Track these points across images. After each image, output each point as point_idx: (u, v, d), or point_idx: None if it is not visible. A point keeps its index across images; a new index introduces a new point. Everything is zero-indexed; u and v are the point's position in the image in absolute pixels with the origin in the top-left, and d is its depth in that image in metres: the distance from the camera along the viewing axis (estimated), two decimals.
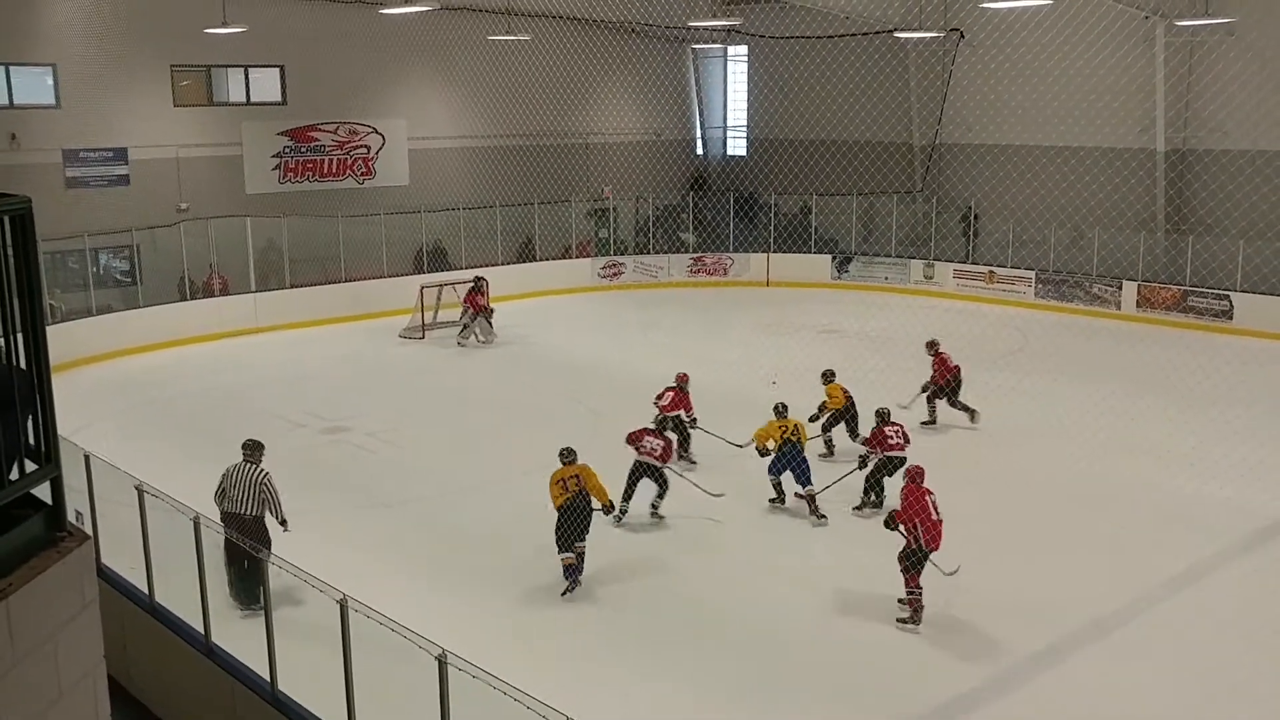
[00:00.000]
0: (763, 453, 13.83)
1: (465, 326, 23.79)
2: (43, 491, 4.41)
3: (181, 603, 9.60)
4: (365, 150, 29.36)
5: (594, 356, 22.33)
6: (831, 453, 15.71)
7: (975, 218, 29.32)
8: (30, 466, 4.28)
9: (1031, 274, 27.38)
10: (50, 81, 24.43)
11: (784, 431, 13.71)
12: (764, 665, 10.34)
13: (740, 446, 14.74)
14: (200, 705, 9.47)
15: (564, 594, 11.67)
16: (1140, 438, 16.38)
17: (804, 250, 30.21)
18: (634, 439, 13.49)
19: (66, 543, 4.33)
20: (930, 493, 10.82)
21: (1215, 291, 24.56)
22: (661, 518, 13.52)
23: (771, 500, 13.98)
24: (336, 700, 7.69)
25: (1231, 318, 24.20)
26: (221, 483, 11.33)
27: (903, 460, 13.02)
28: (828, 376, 15.85)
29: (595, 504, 11.92)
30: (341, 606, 7.50)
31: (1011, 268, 27.78)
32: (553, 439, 16.53)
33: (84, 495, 9.90)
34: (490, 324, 23.87)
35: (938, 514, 10.70)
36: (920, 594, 10.79)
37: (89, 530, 4.97)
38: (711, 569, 12.54)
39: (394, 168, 29.79)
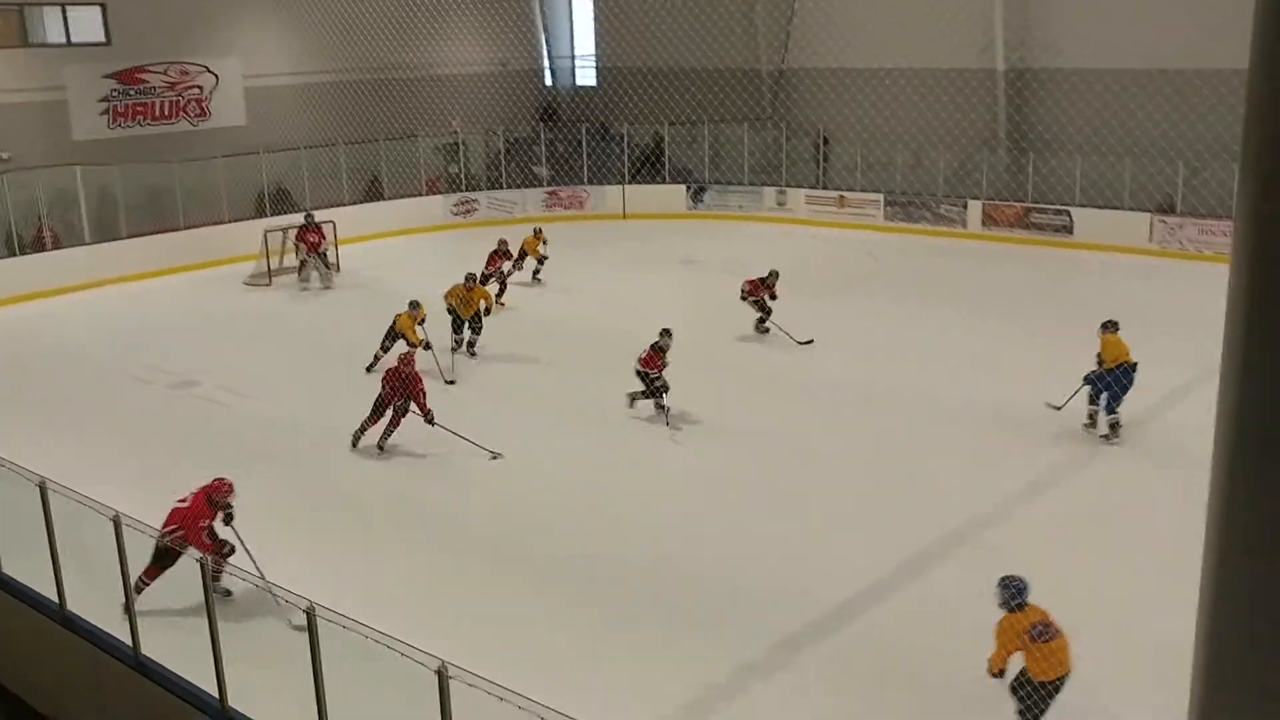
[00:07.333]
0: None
1: (303, 264, 23.20)
2: None
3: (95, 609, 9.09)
4: (198, 91, 28.08)
5: None
6: None
7: (826, 142, 29.65)
8: None
9: (880, 197, 27.87)
10: None
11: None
12: (673, 606, 10.42)
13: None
14: None
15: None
16: (989, 353, 16.92)
17: (659, 181, 30.17)
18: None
19: None
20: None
21: (1055, 207, 25.41)
22: None
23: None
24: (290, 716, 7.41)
25: (1072, 232, 25.10)
26: None
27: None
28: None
29: None
30: (309, 615, 7.10)
31: (861, 191, 28.24)
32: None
33: None
34: (329, 264, 23.33)
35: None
36: None
37: None
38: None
39: (230, 108, 28.58)
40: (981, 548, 11.16)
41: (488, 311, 18.00)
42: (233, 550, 10.00)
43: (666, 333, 14.87)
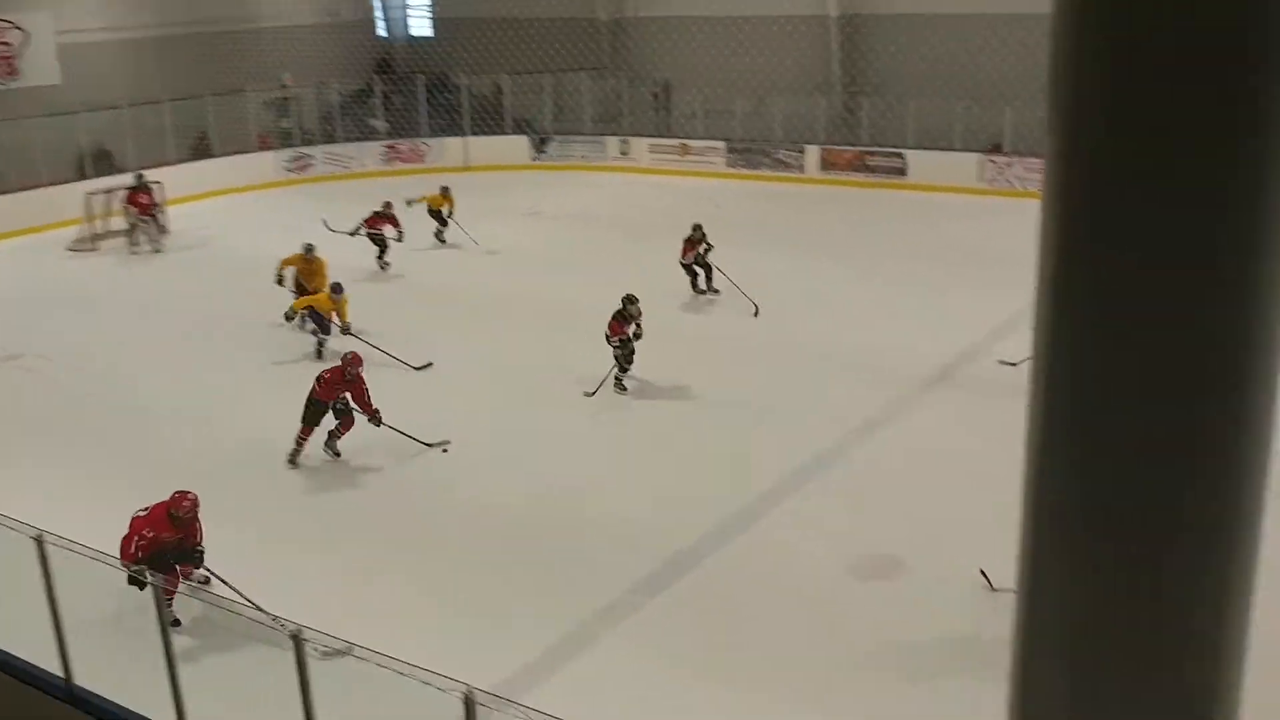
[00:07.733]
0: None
1: (133, 228, 22.27)
2: None
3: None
4: (6, 48, 26.46)
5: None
6: None
7: (667, 91, 29.68)
8: None
9: (722, 144, 28.06)
10: None
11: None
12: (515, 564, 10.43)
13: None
14: None
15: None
16: (825, 295, 17.32)
17: (500, 132, 29.79)
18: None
19: None
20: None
21: (889, 150, 26.03)
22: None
23: None
24: None
25: (905, 174, 25.75)
26: None
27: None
28: None
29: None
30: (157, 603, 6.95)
31: (703, 139, 28.37)
32: (250, 349, 15.94)
33: None
34: (160, 226, 22.46)
35: None
36: None
37: None
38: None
39: (42, 65, 26.91)
40: (821, 487, 11.49)
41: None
42: (142, 572, 8.63)
43: (630, 299, 13.81)
